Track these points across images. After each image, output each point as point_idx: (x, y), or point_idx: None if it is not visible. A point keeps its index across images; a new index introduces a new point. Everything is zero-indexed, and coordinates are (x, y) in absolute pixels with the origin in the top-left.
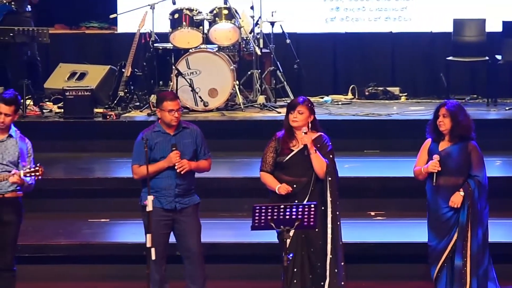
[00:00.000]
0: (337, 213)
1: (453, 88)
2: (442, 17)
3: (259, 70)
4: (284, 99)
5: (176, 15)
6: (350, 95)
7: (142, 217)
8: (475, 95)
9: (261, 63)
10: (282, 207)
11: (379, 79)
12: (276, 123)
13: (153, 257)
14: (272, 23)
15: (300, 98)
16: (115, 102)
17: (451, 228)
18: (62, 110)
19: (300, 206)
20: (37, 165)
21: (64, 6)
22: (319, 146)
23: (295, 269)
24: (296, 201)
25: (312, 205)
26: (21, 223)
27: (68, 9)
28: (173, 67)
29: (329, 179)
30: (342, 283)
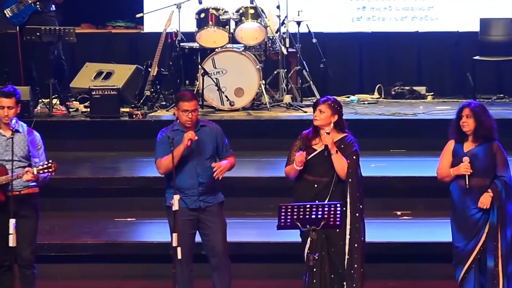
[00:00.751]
0: (356, 214)
1: (479, 87)
2: (469, 16)
3: (285, 70)
4: (310, 98)
5: (202, 15)
6: (376, 95)
7: (168, 217)
8: (501, 95)
9: (287, 62)
10: (308, 206)
11: (405, 78)
12: (302, 122)
13: (179, 256)
14: (298, 23)
15: (324, 97)
16: (141, 101)
17: (479, 229)
18: (89, 110)
19: (326, 205)
20: (50, 161)
21: (91, 6)
22: (343, 147)
23: (314, 269)
24: (317, 201)
25: (338, 205)
26: (38, 218)
27: (94, 8)
28: (199, 67)
29: (349, 180)
30: (359, 284)
